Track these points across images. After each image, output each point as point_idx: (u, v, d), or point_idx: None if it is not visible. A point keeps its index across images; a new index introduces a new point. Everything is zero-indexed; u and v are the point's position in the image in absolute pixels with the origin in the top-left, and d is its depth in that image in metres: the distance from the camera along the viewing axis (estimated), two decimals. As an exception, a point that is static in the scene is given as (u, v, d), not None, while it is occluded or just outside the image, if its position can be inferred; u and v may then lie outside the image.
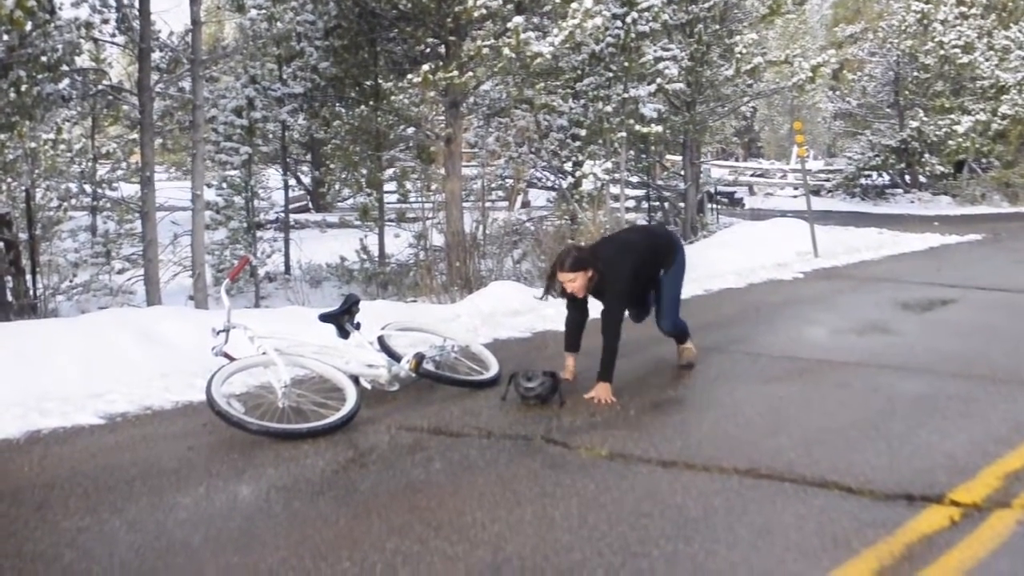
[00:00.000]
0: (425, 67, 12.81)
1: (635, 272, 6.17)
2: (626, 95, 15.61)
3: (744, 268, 12.66)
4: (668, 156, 23.81)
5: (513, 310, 9.34)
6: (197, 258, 13.11)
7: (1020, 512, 3.99)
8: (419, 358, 6.00)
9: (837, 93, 35.55)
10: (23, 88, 10.57)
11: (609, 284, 6.07)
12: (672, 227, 19.04)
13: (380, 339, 6.31)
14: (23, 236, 12.43)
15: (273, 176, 20.87)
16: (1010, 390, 6.05)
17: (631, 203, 20.27)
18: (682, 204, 20.35)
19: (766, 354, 7.32)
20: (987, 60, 28.71)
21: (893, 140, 30.25)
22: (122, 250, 15.73)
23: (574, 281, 6.07)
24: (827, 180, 34.02)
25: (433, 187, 17.69)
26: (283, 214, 18.54)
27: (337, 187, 25.02)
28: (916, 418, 5.40)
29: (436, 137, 15.73)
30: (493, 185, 18.58)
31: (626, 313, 6.27)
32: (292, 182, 23.73)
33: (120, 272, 15.02)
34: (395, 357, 6.12)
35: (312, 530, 3.92)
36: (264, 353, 5.61)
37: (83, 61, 13.39)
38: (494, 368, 6.52)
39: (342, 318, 6.22)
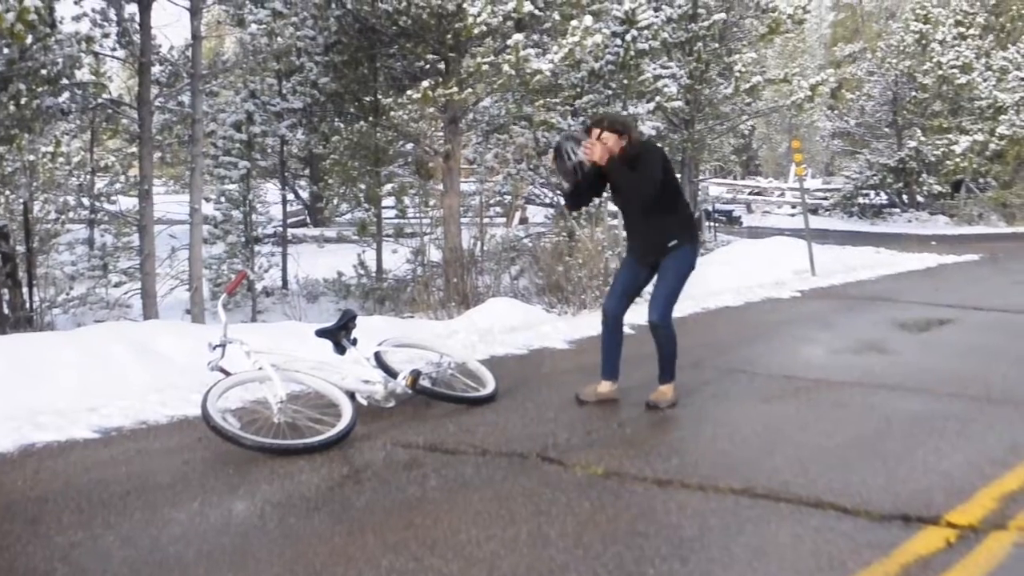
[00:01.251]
0: (425, 83, 12.86)
1: (664, 171, 6.03)
2: (625, 113, 15.64)
3: (741, 286, 12.67)
4: (666, 174, 23.79)
5: (510, 327, 9.33)
6: (194, 272, 13.12)
7: (1016, 534, 3.98)
8: (415, 374, 5.98)
9: (835, 112, 35.72)
10: (23, 101, 10.60)
11: (643, 163, 5.94)
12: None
13: (377, 355, 6.29)
14: (20, 249, 12.42)
15: (271, 191, 20.93)
16: (1007, 411, 6.04)
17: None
18: (680, 222, 20.33)
19: (763, 373, 7.32)
20: (985, 80, 28.87)
21: (891, 159, 30.37)
22: (119, 263, 15.75)
23: (606, 142, 5.98)
24: (825, 199, 34.13)
25: (431, 203, 17.75)
26: (281, 229, 18.57)
27: (335, 202, 25.07)
28: (913, 438, 5.39)
29: (435, 153, 15.77)
30: (491, 201, 18.59)
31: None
32: (290, 197, 23.79)
33: (117, 285, 15.02)
34: (391, 373, 6.10)
35: (307, 547, 3.91)
36: (260, 368, 5.60)
37: (83, 75, 13.41)
38: (491, 385, 6.50)
39: (339, 333, 6.21)
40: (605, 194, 6.68)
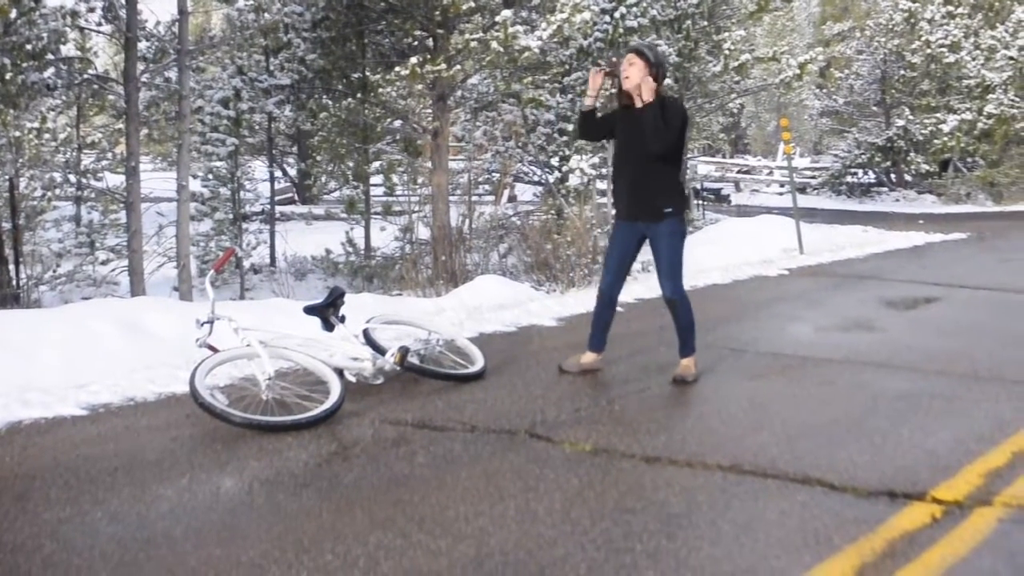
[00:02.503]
0: (413, 60, 12.79)
1: (680, 133, 6.04)
2: (613, 90, 15.59)
3: (730, 264, 12.68)
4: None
5: (498, 304, 9.32)
6: (182, 249, 13.06)
7: (1001, 510, 4.01)
8: (404, 351, 5.97)
9: (824, 91, 35.71)
10: (7, 76, 10.51)
11: (668, 112, 5.95)
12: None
13: (365, 332, 6.29)
14: (6, 225, 12.36)
15: (259, 168, 20.83)
16: (992, 388, 6.07)
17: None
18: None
19: (751, 350, 7.34)
20: (973, 59, 28.82)
21: (879, 138, 30.37)
22: (106, 240, 15.65)
23: (632, 65, 6.01)
24: (813, 178, 34.15)
25: (419, 180, 17.68)
26: (269, 206, 18.50)
27: (323, 179, 25.02)
28: (899, 415, 5.42)
29: (423, 130, 15.71)
30: (480, 179, 18.56)
31: None
32: (278, 174, 23.67)
33: (104, 263, 14.94)
34: (380, 350, 6.10)
35: (295, 523, 3.91)
36: (248, 345, 5.59)
37: (68, 50, 13.29)
38: (479, 362, 6.51)
39: (327, 311, 6.20)
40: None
